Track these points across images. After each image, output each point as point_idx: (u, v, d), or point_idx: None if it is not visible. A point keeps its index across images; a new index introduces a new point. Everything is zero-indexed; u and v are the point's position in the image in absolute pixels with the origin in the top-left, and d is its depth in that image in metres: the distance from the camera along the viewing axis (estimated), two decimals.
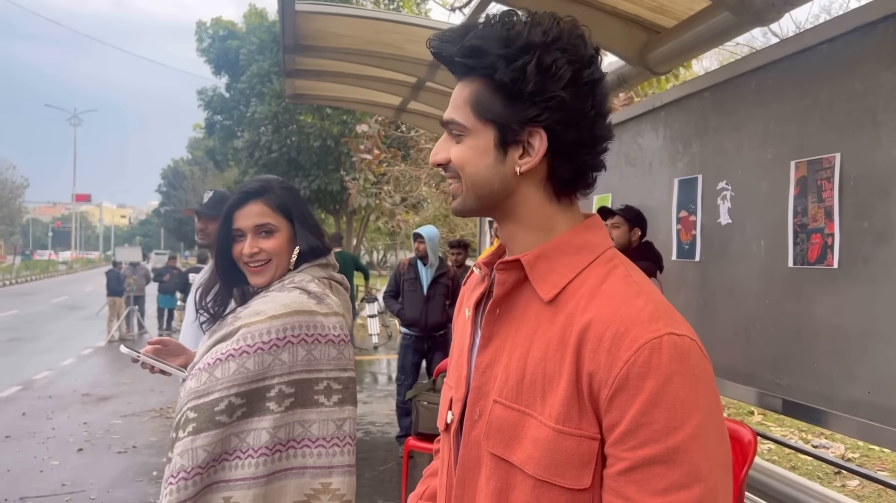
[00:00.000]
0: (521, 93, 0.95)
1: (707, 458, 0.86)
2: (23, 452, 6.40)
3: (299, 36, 5.85)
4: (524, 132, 0.97)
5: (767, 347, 3.44)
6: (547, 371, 0.95)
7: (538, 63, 0.94)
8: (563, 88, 0.95)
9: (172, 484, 1.60)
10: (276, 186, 1.87)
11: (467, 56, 0.99)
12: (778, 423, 7.63)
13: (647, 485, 0.86)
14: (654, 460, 0.86)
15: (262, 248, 1.81)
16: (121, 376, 10.29)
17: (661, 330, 0.89)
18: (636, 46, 4.61)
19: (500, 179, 1.00)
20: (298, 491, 1.68)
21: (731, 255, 3.75)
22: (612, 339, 0.90)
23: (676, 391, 0.86)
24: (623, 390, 0.88)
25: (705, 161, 4.04)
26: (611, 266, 1.00)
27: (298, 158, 16.81)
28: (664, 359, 0.87)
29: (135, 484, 5.52)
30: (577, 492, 0.92)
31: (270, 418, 1.65)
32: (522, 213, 1.03)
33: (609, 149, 1.06)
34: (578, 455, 0.92)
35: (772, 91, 3.45)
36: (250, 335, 1.66)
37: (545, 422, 0.93)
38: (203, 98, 20.01)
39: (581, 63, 0.96)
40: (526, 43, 0.95)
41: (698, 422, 0.86)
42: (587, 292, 0.96)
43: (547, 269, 1.00)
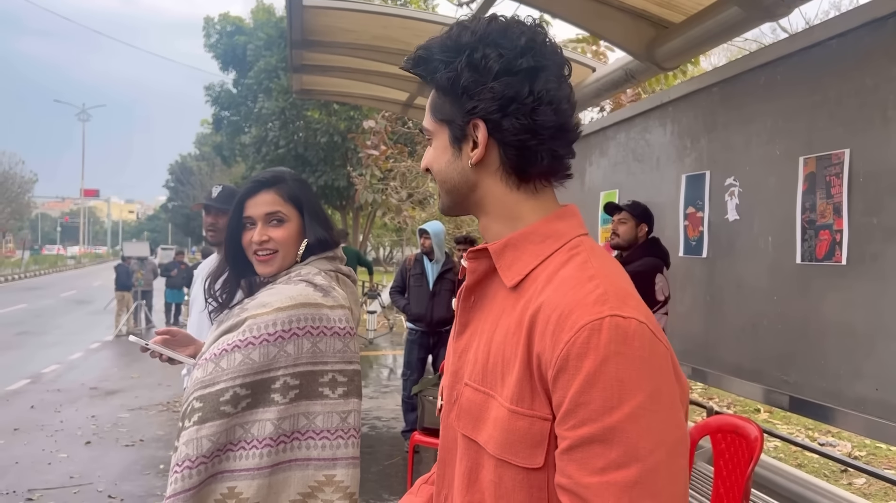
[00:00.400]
0: (458, 89, 1.02)
1: (647, 439, 0.86)
2: (31, 445, 6.44)
3: (307, 31, 5.85)
4: (468, 126, 1.04)
5: (775, 344, 3.42)
6: (506, 354, 0.98)
7: (468, 60, 1.01)
8: (494, 79, 1.00)
9: (177, 472, 1.61)
10: (289, 177, 1.88)
11: (416, 66, 1.07)
12: (784, 421, 7.60)
13: (587, 464, 0.87)
14: (592, 439, 0.87)
15: (272, 237, 1.81)
16: (128, 370, 10.33)
17: (605, 312, 0.90)
18: (644, 41, 4.58)
19: (459, 173, 1.07)
20: (302, 482, 1.68)
21: (739, 252, 3.74)
22: (556, 321, 0.92)
23: (614, 371, 0.87)
24: (564, 370, 0.89)
25: (713, 157, 4.02)
26: (573, 253, 1.01)
27: (305, 154, 16.83)
28: (603, 340, 0.88)
29: (142, 477, 5.55)
30: (531, 471, 0.94)
31: (275, 409, 1.66)
32: (490, 205, 1.08)
33: (577, 135, 1.10)
34: (531, 435, 0.94)
35: (781, 86, 3.44)
36: (256, 326, 1.67)
37: (503, 402, 0.97)
38: (210, 94, 20.06)
39: (512, 54, 1.00)
40: (457, 44, 1.02)
41: (639, 403, 0.86)
42: (545, 278, 0.99)
43: (513, 258, 1.04)
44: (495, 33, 1.02)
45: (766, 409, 7.84)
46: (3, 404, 8.04)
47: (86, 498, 5.08)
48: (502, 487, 0.97)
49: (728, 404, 8.17)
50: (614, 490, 0.85)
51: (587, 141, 5.92)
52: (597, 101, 7.50)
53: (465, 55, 1.01)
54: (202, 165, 42.19)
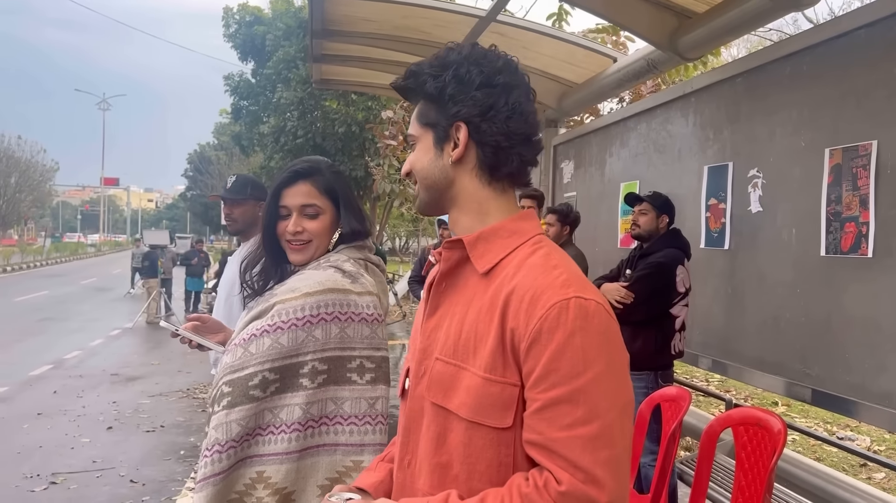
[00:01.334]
0: (444, 97, 1.20)
1: (605, 400, 1.04)
2: (54, 429, 6.53)
3: (327, 21, 5.86)
4: (451, 128, 1.20)
5: (797, 337, 3.40)
6: (478, 331, 1.14)
7: (455, 73, 1.19)
8: (476, 89, 1.18)
9: (207, 457, 1.63)
10: (325, 168, 1.89)
11: (407, 79, 1.25)
12: (803, 415, 7.55)
13: (555, 422, 1.03)
14: (560, 400, 1.04)
15: (306, 229, 1.83)
16: (148, 357, 10.44)
17: (570, 294, 1.07)
18: (666, 32, 4.55)
19: (440, 170, 1.22)
20: (330, 467, 1.70)
21: (762, 244, 3.71)
22: (529, 300, 1.08)
23: (580, 343, 1.04)
24: (537, 342, 1.06)
25: (736, 148, 3.99)
26: (536, 247, 1.18)
27: (323, 144, 16.86)
28: (570, 317, 1.05)
29: (163, 462, 5.62)
30: (501, 431, 1.10)
31: (303, 394, 1.67)
32: (462, 200, 1.23)
33: (541, 148, 1.27)
34: (502, 399, 1.09)
35: (806, 77, 3.40)
36: (284, 311, 1.68)
37: (476, 372, 1.12)
38: (230, 83, 20.13)
39: (492, 70, 1.19)
40: (445, 62, 1.21)
41: (599, 370, 1.04)
42: (514, 266, 1.15)
43: (484, 249, 1.20)
44: (477, 55, 1.21)
45: (784, 403, 7.79)
46: (27, 389, 8.16)
47: (108, 482, 5.15)
48: (472, 446, 1.12)
49: (745, 397, 8.12)
50: (579, 442, 1.02)
51: (607, 132, 5.89)
52: (617, 92, 7.46)
53: (452, 70, 1.19)
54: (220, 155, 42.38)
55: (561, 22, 7.59)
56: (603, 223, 5.81)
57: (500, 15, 5.30)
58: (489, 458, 1.11)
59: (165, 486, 5.08)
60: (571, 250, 4.88)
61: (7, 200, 54.48)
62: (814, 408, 7.44)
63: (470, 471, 1.12)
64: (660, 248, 3.83)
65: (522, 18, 6.12)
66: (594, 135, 6.17)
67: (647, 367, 3.79)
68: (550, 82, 6.53)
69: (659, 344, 3.76)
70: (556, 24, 7.33)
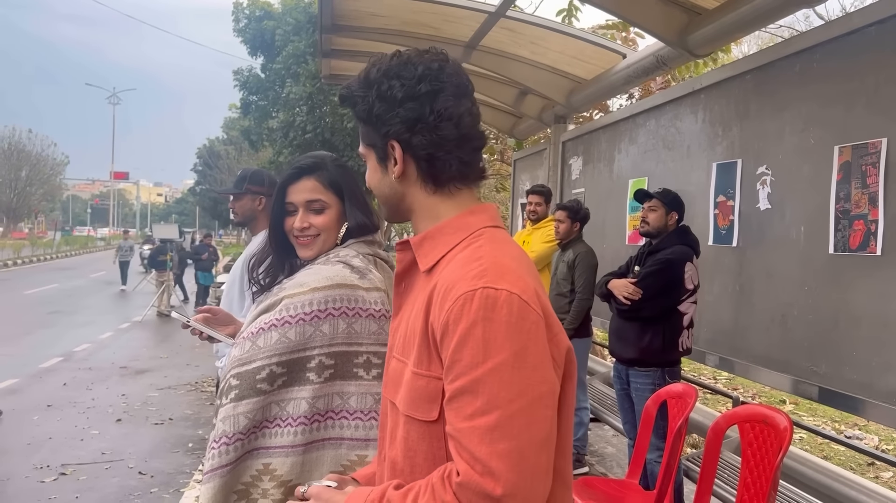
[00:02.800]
0: (373, 118, 1.21)
1: (507, 391, 1.02)
2: (64, 421, 6.58)
3: (336, 16, 5.87)
4: (387, 146, 1.21)
5: (804, 334, 3.39)
6: (414, 327, 1.16)
7: (378, 92, 1.19)
8: (400, 105, 1.18)
9: (214, 448, 1.64)
10: (329, 163, 1.90)
11: (342, 102, 1.27)
12: (810, 413, 7.53)
13: (459, 412, 1.04)
14: (462, 390, 1.04)
15: (312, 224, 1.84)
16: (157, 350, 10.50)
17: (479, 284, 1.06)
18: (676, 28, 4.54)
19: (389, 187, 1.25)
20: (335, 461, 1.71)
21: (770, 241, 3.70)
22: (443, 293, 1.09)
23: (481, 333, 1.03)
24: (445, 334, 1.07)
25: (745, 145, 3.98)
26: (474, 240, 1.17)
27: (332, 139, 16.87)
28: (474, 308, 1.05)
29: (171, 454, 5.65)
30: (429, 424, 1.12)
31: (310, 388, 1.69)
32: (416, 209, 1.25)
33: (482, 143, 1.27)
34: (428, 392, 1.11)
35: (816, 74, 3.38)
36: (293, 306, 1.69)
37: (410, 367, 1.15)
38: (239, 78, 20.14)
39: (412, 82, 1.18)
40: (368, 81, 1.22)
41: (501, 360, 1.02)
42: (447, 262, 1.16)
43: (429, 247, 1.21)
44: (396, 67, 1.20)
45: (792, 401, 7.77)
46: (37, 381, 8.23)
47: (117, 473, 5.19)
48: (410, 440, 1.15)
49: (753, 395, 8.10)
50: (478, 433, 1.01)
51: (616, 128, 5.88)
52: (626, 88, 7.44)
53: (375, 89, 1.20)
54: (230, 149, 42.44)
55: (570, 18, 7.56)
56: (611, 220, 5.81)
57: (510, 10, 5.30)
58: (424, 451, 1.13)
59: (174, 479, 5.11)
60: (581, 247, 4.89)
61: (18, 194, 54.80)
62: (822, 407, 7.41)
63: (411, 465, 1.15)
64: (669, 244, 3.82)
65: (532, 14, 6.10)
66: (603, 131, 6.16)
67: (655, 364, 3.79)
68: (559, 78, 6.53)
69: (667, 340, 3.76)
70: (565, 20, 7.30)
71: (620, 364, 4.03)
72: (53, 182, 61.09)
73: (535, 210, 5.47)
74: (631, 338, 3.84)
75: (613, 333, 4.04)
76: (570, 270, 4.84)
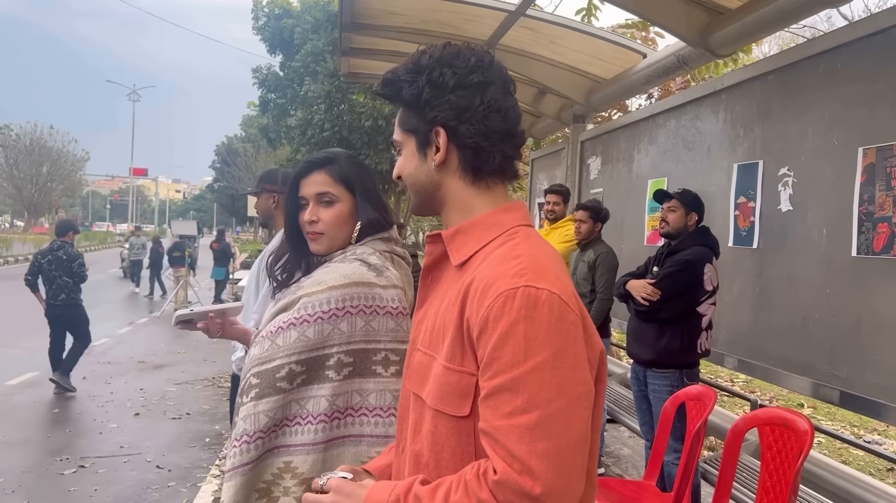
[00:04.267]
0: (421, 103, 1.21)
1: (548, 390, 1.02)
2: (83, 414, 6.66)
3: (357, 14, 5.88)
4: (431, 133, 1.21)
5: (826, 338, 3.36)
6: (445, 321, 1.16)
7: (428, 78, 1.20)
8: (451, 92, 1.19)
9: (236, 447, 1.65)
10: (342, 158, 1.90)
11: (384, 87, 1.26)
12: (829, 417, 7.45)
13: (497, 410, 1.03)
14: (501, 388, 1.03)
15: (321, 217, 1.84)
16: (175, 345, 10.57)
17: (520, 283, 1.06)
18: (697, 28, 4.50)
19: (426, 175, 1.24)
20: (355, 458, 1.71)
21: (791, 243, 3.67)
22: (482, 290, 1.09)
23: (523, 332, 1.03)
24: (484, 330, 1.06)
25: (767, 146, 3.94)
26: (508, 238, 1.18)
27: (350, 137, 16.91)
28: (515, 306, 1.05)
29: (188, 449, 5.70)
30: (460, 419, 1.11)
31: (329, 386, 1.69)
32: (450, 201, 1.25)
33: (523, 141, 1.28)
34: (460, 387, 1.11)
35: (841, 74, 3.35)
36: (310, 304, 1.70)
37: (441, 361, 1.14)
38: (258, 76, 20.24)
39: (464, 71, 1.19)
40: (418, 67, 1.22)
41: (543, 360, 1.03)
42: (483, 257, 1.16)
43: (462, 242, 1.21)
44: (449, 56, 1.21)
45: (811, 404, 7.70)
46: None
47: (135, 467, 5.24)
48: (437, 435, 1.14)
49: (770, 398, 8.04)
50: (518, 431, 1.01)
51: (636, 128, 5.85)
52: (646, 88, 7.40)
53: (426, 74, 1.20)
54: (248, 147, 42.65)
55: (590, 17, 7.53)
56: (630, 220, 5.78)
57: (530, 9, 5.28)
58: (452, 447, 1.13)
59: (191, 473, 5.15)
60: (602, 247, 4.87)
61: (39, 189, 55.43)
62: (840, 411, 7.33)
63: (437, 460, 1.14)
64: (688, 245, 3.80)
65: (552, 13, 6.07)
66: (622, 131, 6.13)
67: (673, 366, 3.77)
68: (579, 77, 6.50)
69: (685, 342, 3.74)
70: (585, 19, 7.27)
71: (638, 365, 4.01)
72: (74, 178, 61.65)
73: (554, 209, 5.46)
74: (649, 340, 3.81)
75: (631, 334, 4.02)
76: (591, 271, 4.83)
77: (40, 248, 8.53)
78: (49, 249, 7.77)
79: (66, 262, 7.66)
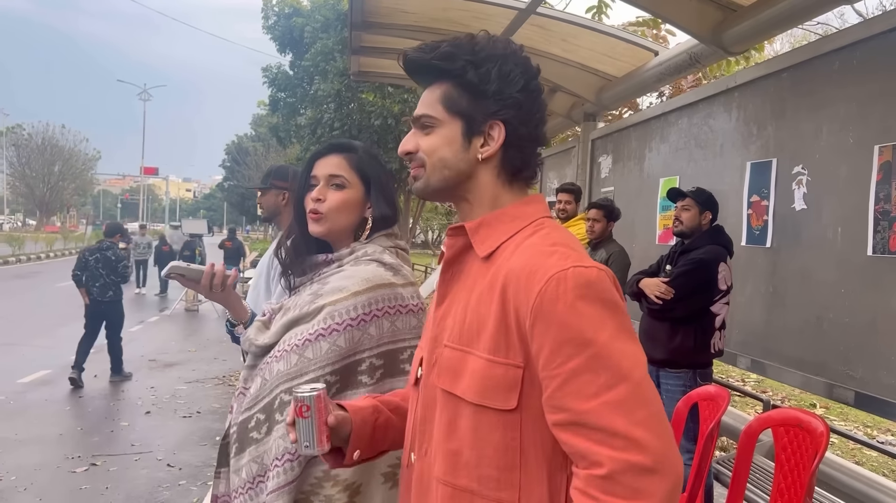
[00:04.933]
0: (485, 91, 1.17)
1: (627, 360, 1.01)
2: (95, 412, 6.68)
3: (367, 13, 5.88)
4: (486, 124, 1.18)
5: (840, 338, 3.33)
6: (480, 314, 1.13)
7: (499, 69, 1.17)
8: (519, 91, 1.17)
9: (279, 466, 1.62)
10: (361, 149, 1.88)
11: (442, 59, 1.19)
12: (841, 417, 7.40)
13: (581, 393, 1.00)
14: (580, 370, 1.00)
15: (327, 198, 1.79)
16: (185, 344, 10.61)
17: (567, 265, 1.05)
18: (710, 25, 4.47)
19: (466, 163, 1.20)
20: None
21: (805, 242, 3.64)
22: (527, 277, 1.06)
23: (584, 309, 1.02)
24: (540, 317, 1.03)
25: (781, 144, 3.91)
26: (537, 228, 1.17)
27: (359, 136, 16.92)
28: (570, 285, 1.03)
29: (199, 447, 5.71)
30: (506, 413, 1.09)
31: (364, 391, 1.67)
32: (477, 194, 1.22)
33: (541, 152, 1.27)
34: (506, 380, 1.08)
35: (856, 71, 3.31)
36: (337, 313, 1.67)
37: (480, 355, 1.11)
38: (268, 75, 20.29)
39: (530, 74, 1.19)
40: (489, 53, 1.17)
41: (611, 332, 1.01)
42: (513, 248, 1.14)
43: (486, 234, 1.19)
44: (518, 53, 1.19)
45: (823, 405, 7.64)
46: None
47: (146, 465, 5.26)
48: (479, 431, 1.11)
49: (782, 398, 7.98)
50: (611, 407, 0.98)
51: (647, 126, 5.82)
52: (658, 86, 7.36)
53: (497, 64, 1.17)
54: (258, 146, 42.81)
55: (601, 14, 7.50)
56: (641, 219, 5.75)
57: (540, 7, 5.26)
58: (496, 442, 1.10)
59: (201, 471, 5.16)
60: (614, 246, 4.84)
61: (51, 188, 55.76)
62: (853, 411, 7.27)
63: (479, 457, 1.11)
64: (702, 244, 3.77)
65: (562, 11, 6.05)
66: (633, 129, 6.10)
67: (686, 365, 3.74)
68: (589, 76, 6.47)
69: (698, 342, 3.71)
70: (595, 17, 7.25)
71: (651, 365, 3.99)
72: (85, 177, 62.03)
73: (565, 209, 5.43)
74: (662, 339, 3.79)
75: (644, 333, 4.00)
76: None
77: (87, 246, 9.13)
78: (97, 248, 8.33)
79: (113, 262, 8.22)
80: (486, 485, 1.10)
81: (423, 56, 1.21)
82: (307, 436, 1.23)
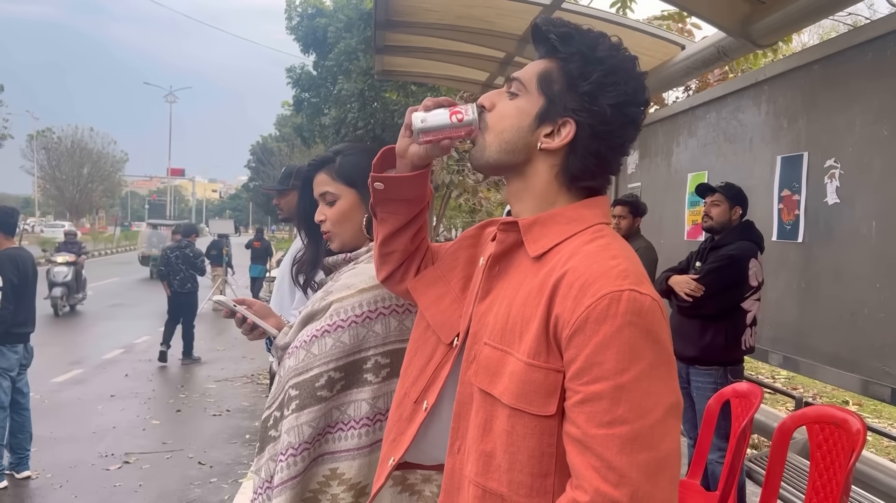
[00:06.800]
0: (577, 87, 1.13)
1: (649, 400, 0.98)
2: (127, 411, 6.78)
3: (391, 11, 5.88)
4: (561, 118, 1.14)
5: (876, 334, 3.27)
6: (525, 314, 1.10)
7: (601, 76, 1.12)
8: (611, 106, 1.12)
9: (282, 461, 1.65)
10: (342, 153, 1.88)
11: (558, 37, 1.15)
12: (875, 415, 7.28)
13: (595, 417, 0.99)
14: (601, 395, 0.99)
15: (326, 216, 1.83)
16: (214, 343, 10.72)
17: (625, 286, 1.01)
18: (738, 17, 4.41)
19: (524, 144, 1.16)
20: None
21: (839, 237, 3.58)
22: (580, 287, 1.03)
23: (628, 338, 0.99)
24: (581, 331, 1.01)
25: (812, 137, 3.85)
26: (597, 236, 1.12)
27: (383, 135, 16.96)
28: (621, 310, 0.99)
29: (229, 445, 5.78)
30: (544, 419, 1.06)
31: (369, 389, 1.68)
32: (532, 181, 1.18)
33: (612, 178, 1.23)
34: (546, 385, 1.05)
35: (890, 62, 3.25)
36: (343, 310, 1.69)
37: (520, 357, 1.08)
38: (291, 76, 20.39)
39: (629, 99, 1.13)
40: (604, 56, 1.13)
41: (644, 368, 0.98)
42: (568, 252, 1.10)
43: (539, 233, 1.15)
44: (631, 74, 1.14)
45: (856, 402, 7.52)
46: (101, 372, 8.49)
47: (178, 463, 5.32)
48: (514, 435, 1.08)
49: (814, 395, 7.87)
50: (618, 442, 0.97)
51: (674, 121, 5.76)
52: (685, 80, 7.28)
53: (602, 70, 1.12)
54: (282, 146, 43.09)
55: (625, 9, 7.43)
56: (669, 215, 5.70)
57: (565, 3, 5.23)
58: (531, 448, 1.07)
59: (232, 469, 5.22)
60: (640, 241, 4.80)
61: (80, 190, 56.59)
62: (887, 408, 7.15)
63: (511, 461, 1.08)
64: (732, 240, 3.73)
65: (587, 6, 6.02)
66: (660, 124, 6.05)
67: (717, 362, 3.70)
68: None
69: (729, 339, 3.67)
70: (620, 11, 7.18)
71: (681, 362, 3.95)
72: (113, 178, 62.72)
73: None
74: (692, 336, 3.75)
75: (674, 331, 3.94)
76: None
77: (168, 245, 10.27)
78: (177, 246, 9.58)
79: (192, 259, 9.47)
80: (517, 490, 1.08)
81: (547, 28, 1.18)
82: None
